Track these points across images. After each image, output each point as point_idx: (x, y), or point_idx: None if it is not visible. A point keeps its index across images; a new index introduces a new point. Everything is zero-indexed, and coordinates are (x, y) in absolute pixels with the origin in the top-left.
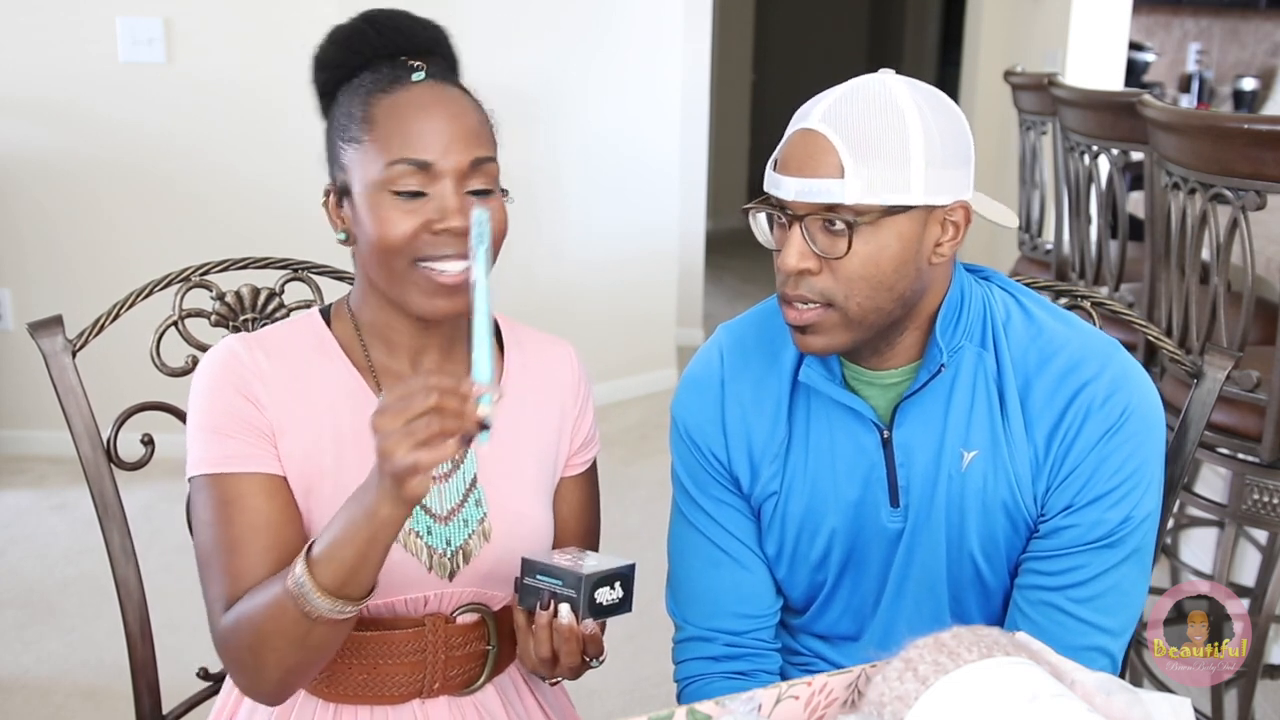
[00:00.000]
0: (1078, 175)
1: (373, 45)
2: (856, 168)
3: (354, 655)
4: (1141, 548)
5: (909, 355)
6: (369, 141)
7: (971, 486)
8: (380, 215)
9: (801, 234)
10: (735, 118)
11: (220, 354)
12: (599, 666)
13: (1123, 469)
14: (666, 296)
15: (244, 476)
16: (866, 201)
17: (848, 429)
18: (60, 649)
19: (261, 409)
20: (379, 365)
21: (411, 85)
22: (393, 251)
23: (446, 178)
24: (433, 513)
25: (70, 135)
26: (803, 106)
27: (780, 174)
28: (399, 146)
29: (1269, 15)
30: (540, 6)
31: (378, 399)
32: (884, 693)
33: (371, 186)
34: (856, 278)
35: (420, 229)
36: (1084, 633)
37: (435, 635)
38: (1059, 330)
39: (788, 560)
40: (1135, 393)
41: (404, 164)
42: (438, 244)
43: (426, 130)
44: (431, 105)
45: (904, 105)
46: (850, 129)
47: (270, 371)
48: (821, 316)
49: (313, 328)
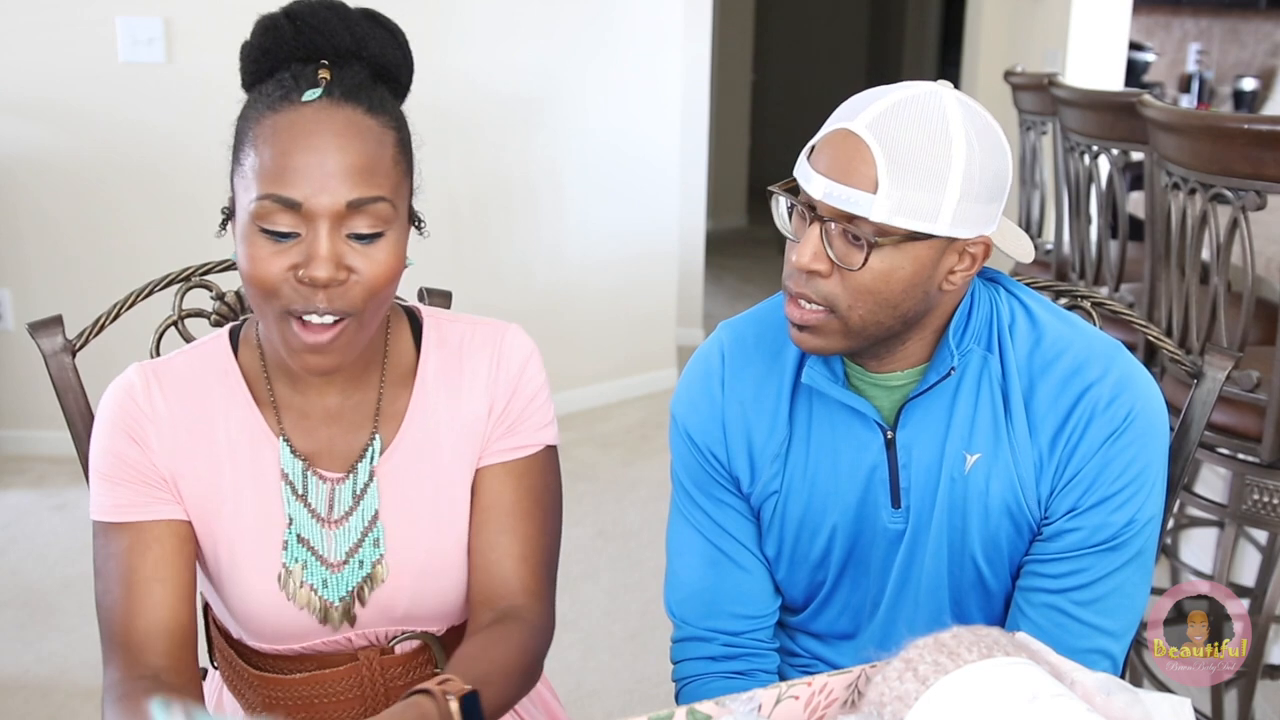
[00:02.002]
0: (1078, 175)
1: (288, 45)
2: (890, 187)
3: (289, 698)
4: (1145, 550)
5: (914, 359)
6: (246, 167)
7: (974, 489)
8: (250, 252)
9: (820, 235)
10: (735, 118)
11: (116, 393)
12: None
13: (1127, 472)
14: (666, 296)
15: (134, 526)
16: (892, 222)
17: (851, 429)
18: (60, 649)
19: (152, 454)
20: (281, 401)
21: (300, 105)
22: (262, 294)
23: (321, 220)
24: (327, 561)
25: (70, 135)
26: (852, 100)
27: (813, 168)
28: (269, 180)
29: (1269, 15)
30: (540, 6)
31: (275, 436)
32: (884, 693)
33: (246, 217)
34: (864, 291)
35: (287, 272)
36: (1086, 635)
37: (371, 669)
38: (1063, 333)
39: (787, 560)
40: (1140, 395)
41: (271, 200)
42: (306, 294)
43: (300, 165)
44: (314, 133)
45: (954, 133)
46: (894, 144)
47: (165, 413)
48: (822, 320)
49: (218, 357)
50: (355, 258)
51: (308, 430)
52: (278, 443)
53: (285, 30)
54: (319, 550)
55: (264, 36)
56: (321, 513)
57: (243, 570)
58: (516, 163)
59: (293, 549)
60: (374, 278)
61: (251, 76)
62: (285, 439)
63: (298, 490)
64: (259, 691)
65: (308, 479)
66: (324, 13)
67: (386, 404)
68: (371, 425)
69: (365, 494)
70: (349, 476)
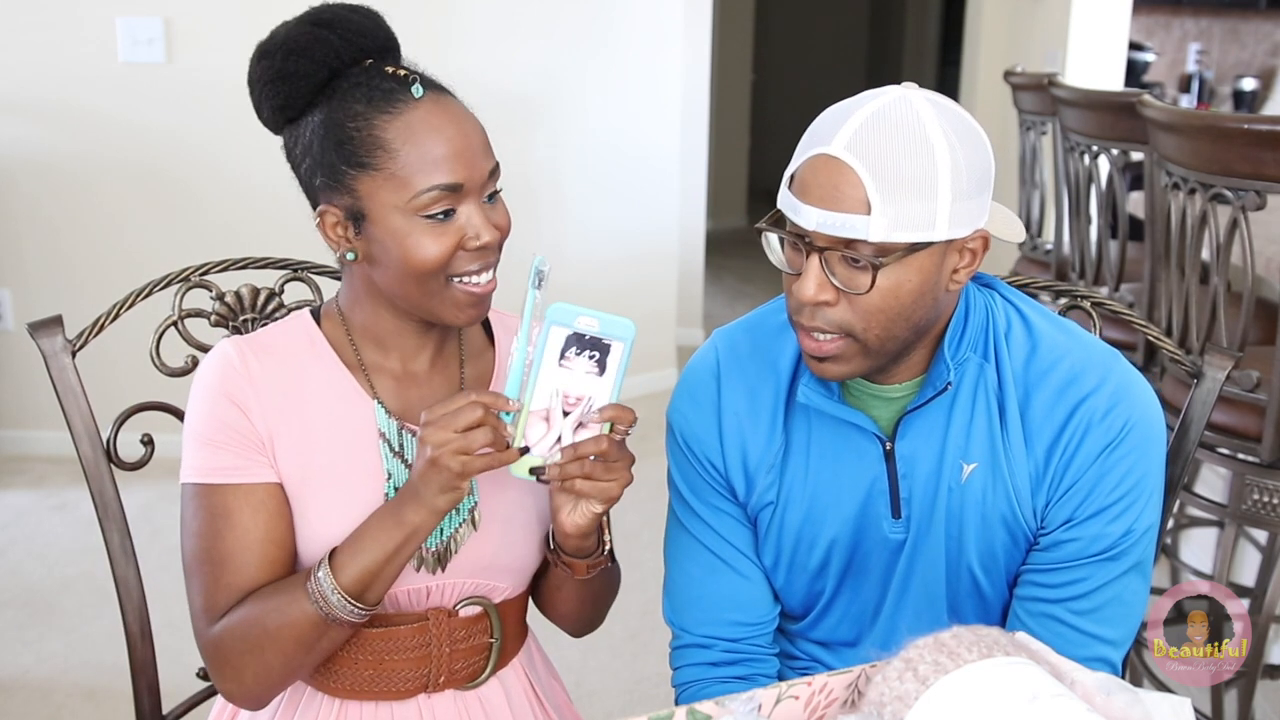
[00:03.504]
0: (1078, 175)
1: (338, 53)
2: (883, 204)
3: (360, 651)
4: (1143, 559)
5: (914, 371)
6: (390, 168)
7: (971, 499)
8: (413, 241)
9: (820, 265)
10: (735, 118)
11: (214, 361)
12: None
13: (1124, 482)
14: (666, 296)
15: (234, 488)
16: (892, 239)
17: (849, 441)
18: (60, 649)
19: (253, 418)
20: (371, 366)
21: (415, 103)
22: (428, 273)
23: (473, 194)
24: None
25: (70, 135)
26: (821, 122)
27: (800, 200)
28: (428, 173)
29: (1269, 15)
30: (540, 6)
31: (370, 398)
32: (884, 693)
33: (398, 213)
34: (876, 311)
35: (454, 248)
36: (1085, 644)
37: (439, 629)
38: (1059, 341)
39: (785, 569)
40: (1136, 405)
41: (435, 190)
42: (470, 259)
43: (450, 153)
44: (445, 123)
45: (933, 137)
46: (878, 161)
47: (263, 376)
48: (842, 348)
49: (305, 328)
50: (495, 216)
51: (398, 392)
52: (372, 404)
53: (332, 40)
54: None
55: (308, 51)
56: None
57: (346, 522)
58: (516, 163)
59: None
60: (506, 227)
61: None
62: (379, 400)
63: (394, 447)
64: None
65: (403, 436)
66: (351, 17)
67: (470, 369)
68: (458, 386)
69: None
70: None
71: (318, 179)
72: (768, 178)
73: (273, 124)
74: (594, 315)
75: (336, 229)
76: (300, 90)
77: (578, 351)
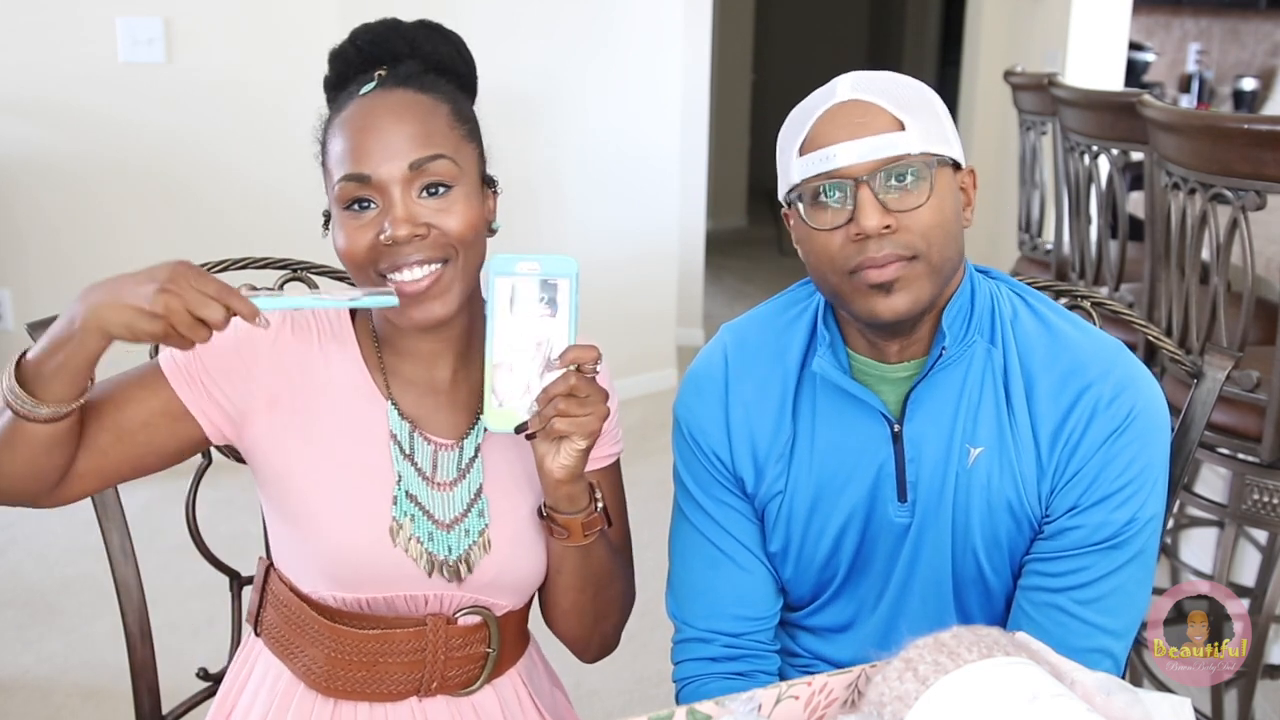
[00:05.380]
0: (1078, 175)
1: (353, 63)
2: (911, 119)
3: (355, 652)
4: (1146, 549)
5: (921, 348)
6: (328, 163)
7: (977, 483)
8: (338, 231)
9: (872, 194)
10: (735, 118)
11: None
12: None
13: (1128, 470)
14: (666, 296)
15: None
16: (929, 150)
17: (857, 423)
18: (60, 649)
19: (256, 373)
20: (390, 368)
21: (357, 98)
22: (358, 267)
23: (391, 186)
24: (435, 519)
25: (70, 135)
26: (807, 102)
27: (829, 146)
28: (344, 163)
29: (1269, 15)
30: (540, 6)
31: (384, 398)
32: (884, 693)
33: (333, 207)
34: (933, 226)
35: (374, 241)
36: (1087, 634)
37: (436, 635)
38: (1065, 330)
39: (794, 558)
40: (1141, 394)
41: (347, 180)
42: (393, 254)
43: (361, 143)
44: (371, 115)
45: (910, 77)
46: (887, 91)
47: (291, 344)
48: (906, 269)
49: (340, 321)
50: (430, 214)
51: (415, 398)
52: (386, 404)
53: (349, 51)
54: (427, 507)
55: (335, 63)
56: (427, 473)
57: (351, 520)
58: (516, 163)
59: (402, 504)
60: (451, 228)
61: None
62: (393, 401)
63: (405, 450)
64: (323, 645)
65: (414, 440)
66: (380, 29)
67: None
68: (478, 403)
69: (471, 468)
70: (456, 448)
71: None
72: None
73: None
74: (534, 259)
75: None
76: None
77: (526, 297)
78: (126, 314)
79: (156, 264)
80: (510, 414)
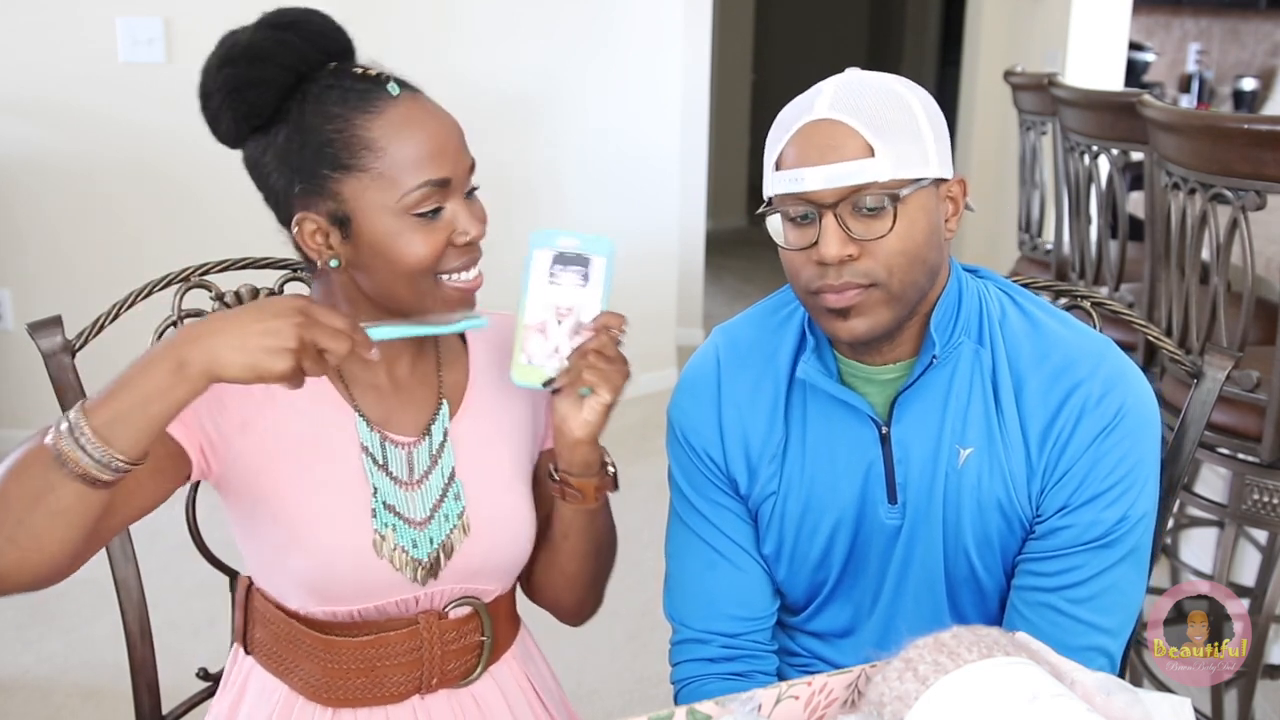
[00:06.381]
0: (1078, 175)
1: (303, 56)
2: (883, 145)
3: (351, 661)
4: (1139, 547)
5: (908, 350)
6: (376, 168)
7: (967, 484)
8: (404, 240)
9: (837, 222)
10: (735, 118)
11: None
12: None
13: (1118, 468)
14: (666, 296)
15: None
16: (898, 177)
17: (846, 426)
18: (60, 649)
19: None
20: (350, 376)
21: (394, 100)
22: (419, 273)
23: (458, 189)
24: (414, 522)
25: (70, 135)
26: (790, 108)
27: (799, 168)
28: (416, 170)
29: (1269, 15)
30: (540, 6)
31: (350, 409)
32: (884, 693)
33: (386, 213)
34: (896, 253)
35: (444, 246)
36: (1082, 633)
37: (430, 632)
38: (1053, 329)
39: (787, 560)
40: (1130, 392)
41: (426, 187)
42: (458, 255)
43: (436, 148)
44: (426, 119)
45: (897, 88)
46: (864, 113)
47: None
48: (863, 296)
49: None
50: (477, 212)
51: (377, 399)
52: (354, 416)
53: (295, 43)
54: (404, 513)
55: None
56: (402, 477)
57: (334, 536)
58: (516, 163)
59: (381, 516)
60: (486, 220)
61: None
62: (359, 411)
63: (378, 460)
64: (318, 659)
65: (385, 447)
66: (312, 18)
67: (446, 375)
68: (436, 393)
69: (442, 454)
70: (424, 439)
71: (296, 187)
72: None
73: (233, 136)
74: (574, 235)
75: (316, 237)
76: (267, 97)
77: (563, 268)
78: (254, 354)
79: (266, 300)
80: (538, 370)
